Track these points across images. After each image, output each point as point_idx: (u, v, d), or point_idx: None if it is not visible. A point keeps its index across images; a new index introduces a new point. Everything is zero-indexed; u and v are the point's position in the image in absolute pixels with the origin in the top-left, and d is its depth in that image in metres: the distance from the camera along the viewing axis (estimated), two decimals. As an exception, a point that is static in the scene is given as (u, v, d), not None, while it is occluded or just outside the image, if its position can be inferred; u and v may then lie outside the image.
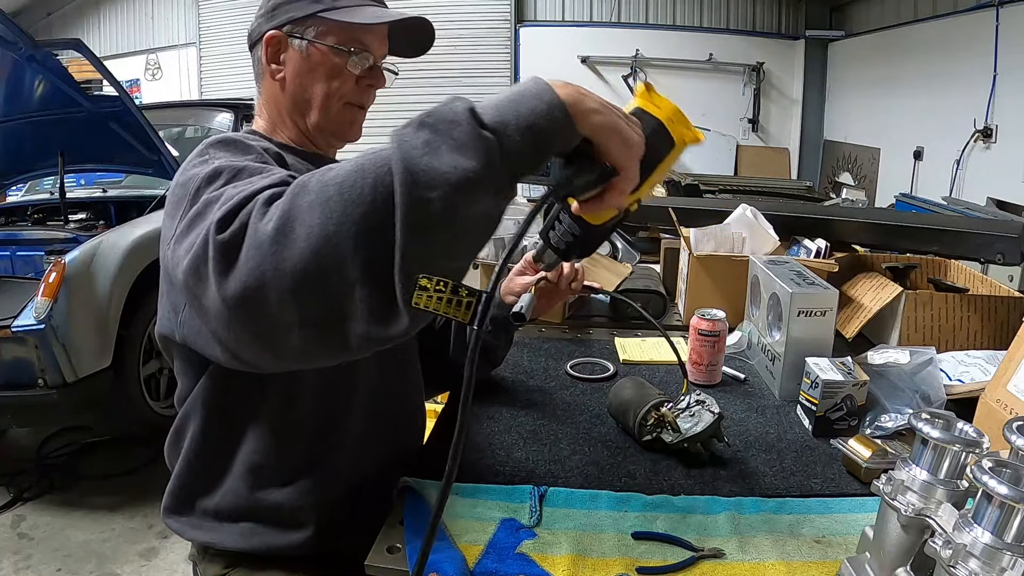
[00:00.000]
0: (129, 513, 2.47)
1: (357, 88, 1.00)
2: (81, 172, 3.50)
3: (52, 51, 2.70)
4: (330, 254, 0.54)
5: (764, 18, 6.93)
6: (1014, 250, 1.52)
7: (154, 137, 2.90)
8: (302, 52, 0.97)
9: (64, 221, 3.13)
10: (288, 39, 0.97)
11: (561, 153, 0.64)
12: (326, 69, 0.97)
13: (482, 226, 0.60)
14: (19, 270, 2.91)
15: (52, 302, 2.30)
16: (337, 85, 0.98)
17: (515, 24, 7.02)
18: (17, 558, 2.24)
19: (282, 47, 0.97)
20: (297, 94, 0.98)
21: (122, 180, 3.60)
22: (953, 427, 0.67)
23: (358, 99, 1.01)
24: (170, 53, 7.60)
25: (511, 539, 0.83)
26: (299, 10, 0.96)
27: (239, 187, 0.65)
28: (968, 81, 4.46)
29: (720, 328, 1.25)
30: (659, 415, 1.01)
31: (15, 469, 2.71)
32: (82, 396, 2.39)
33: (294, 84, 0.98)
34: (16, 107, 2.86)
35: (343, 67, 0.97)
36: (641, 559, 0.80)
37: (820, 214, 1.95)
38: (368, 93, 1.02)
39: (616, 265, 1.81)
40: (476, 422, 1.12)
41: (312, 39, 0.96)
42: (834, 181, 6.08)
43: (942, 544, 0.58)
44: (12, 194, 3.58)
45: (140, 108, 2.95)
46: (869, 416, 1.09)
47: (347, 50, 0.96)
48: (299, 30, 0.96)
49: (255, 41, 1.00)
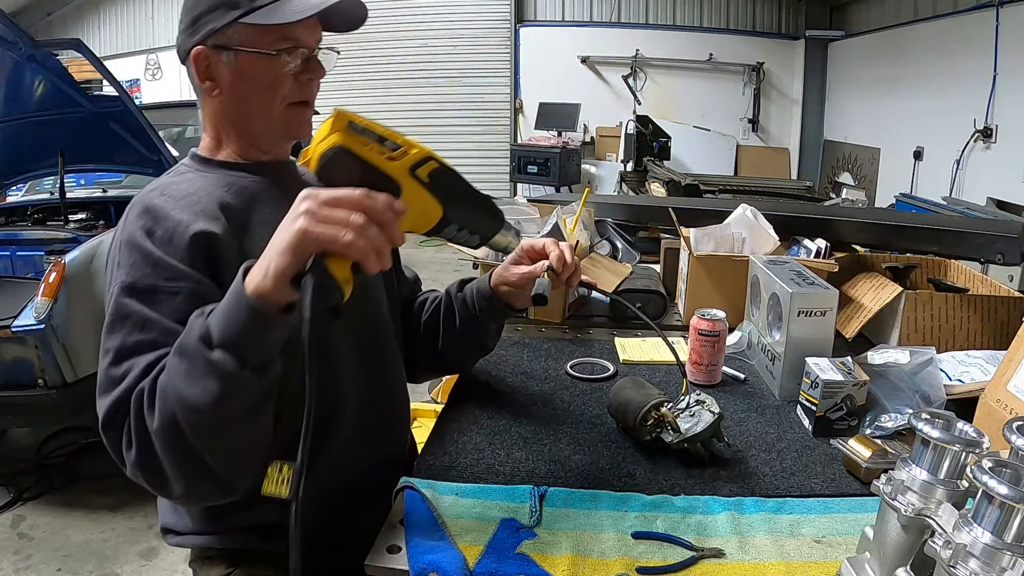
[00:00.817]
0: (129, 513, 2.47)
1: (297, 85, 0.94)
2: (81, 172, 3.50)
3: (52, 51, 2.70)
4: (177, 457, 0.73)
5: (764, 18, 6.93)
6: (1014, 250, 1.52)
7: (154, 137, 2.90)
8: (231, 65, 0.91)
9: (64, 221, 3.12)
10: (213, 53, 0.91)
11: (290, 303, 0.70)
12: (260, 77, 0.91)
13: (259, 405, 0.74)
14: (19, 270, 2.90)
15: (52, 302, 2.30)
16: (275, 90, 0.92)
17: (515, 24, 7.02)
18: (17, 558, 2.24)
19: (210, 62, 0.92)
20: (236, 108, 0.94)
21: (122, 180, 3.59)
22: (953, 427, 0.67)
23: (301, 96, 0.95)
24: (170, 53, 7.54)
25: (511, 539, 0.83)
26: (217, 19, 0.90)
27: (120, 380, 0.76)
28: (968, 81, 4.46)
29: (720, 328, 1.25)
30: (659, 415, 1.01)
31: (15, 469, 2.71)
32: (82, 396, 2.39)
33: (231, 98, 0.94)
34: (16, 107, 2.86)
35: (277, 71, 0.91)
36: (641, 559, 0.80)
37: (820, 214, 1.95)
38: (310, 87, 0.96)
39: (616, 265, 1.81)
40: (476, 422, 1.13)
41: (238, 47, 0.90)
42: (834, 181, 6.09)
43: (942, 544, 0.58)
44: (12, 194, 3.57)
45: (140, 108, 2.94)
46: (869, 416, 1.09)
47: (275, 53, 0.90)
48: (223, 40, 0.90)
49: (183, 58, 0.95)
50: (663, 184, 4.53)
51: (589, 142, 7.03)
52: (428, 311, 1.20)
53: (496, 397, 1.23)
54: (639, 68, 6.95)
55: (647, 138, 5.77)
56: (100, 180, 3.63)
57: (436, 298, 1.21)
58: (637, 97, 6.91)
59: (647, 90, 7.01)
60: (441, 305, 1.18)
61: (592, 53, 6.99)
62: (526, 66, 7.11)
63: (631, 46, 6.91)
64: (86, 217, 3.26)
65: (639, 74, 6.98)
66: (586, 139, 7.00)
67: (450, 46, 7.00)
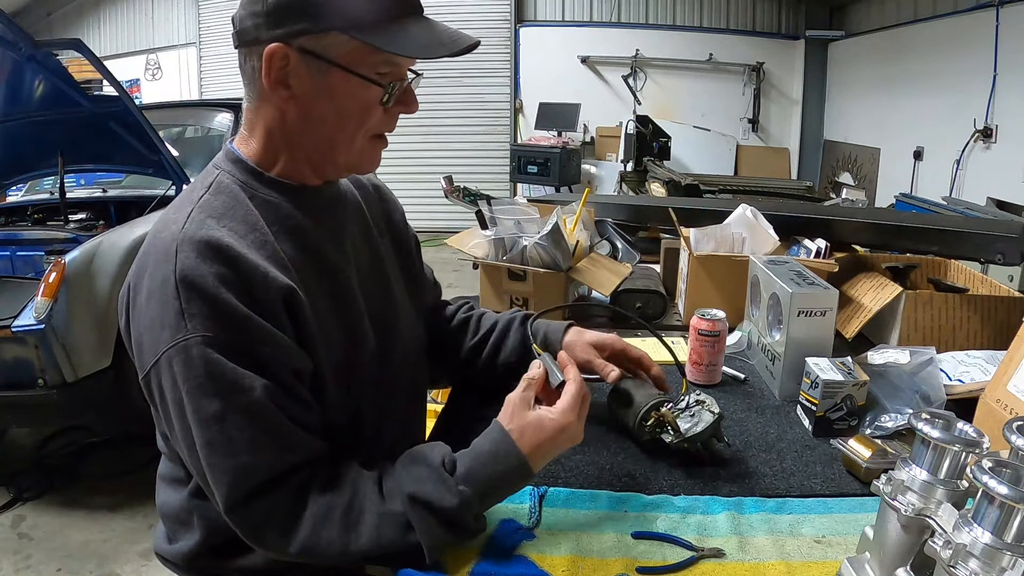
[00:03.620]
0: (129, 513, 2.47)
1: (386, 118, 0.84)
2: (81, 172, 3.50)
3: (52, 51, 2.70)
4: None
5: (764, 18, 6.93)
6: (1014, 250, 1.52)
7: (154, 137, 2.90)
8: (319, 78, 0.77)
9: (64, 221, 3.12)
10: (299, 57, 0.77)
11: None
12: (352, 103, 0.79)
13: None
14: (19, 270, 2.90)
15: (52, 302, 2.30)
16: (365, 120, 0.81)
17: (515, 24, 7.02)
18: (17, 558, 2.24)
19: (290, 66, 0.77)
20: (312, 128, 0.82)
21: (122, 180, 3.60)
22: (953, 427, 0.67)
23: (385, 128, 0.85)
24: (170, 53, 7.61)
25: (510, 539, 0.82)
26: (315, 21, 0.75)
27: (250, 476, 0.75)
28: (968, 81, 4.46)
29: (720, 328, 1.25)
30: (659, 415, 1.01)
31: (15, 469, 2.71)
32: (82, 396, 2.39)
33: (307, 116, 0.81)
34: (16, 107, 2.86)
35: (373, 99, 0.80)
36: (641, 559, 0.80)
37: (820, 214, 1.95)
38: (395, 120, 0.86)
39: (616, 265, 1.81)
40: (476, 422, 1.12)
41: (333, 61, 0.76)
42: (834, 181, 6.08)
43: (942, 544, 0.57)
44: (12, 194, 3.58)
45: (140, 108, 2.94)
46: (869, 416, 1.09)
47: (384, 84, 0.79)
48: (316, 47, 0.76)
49: (248, 45, 0.79)
50: (663, 184, 4.53)
51: (589, 142, 7.02)
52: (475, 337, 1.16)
53: (496, 398, 1.22)
54: (639, 68, 6.95)
55: (647, 138, 5.77)
56: (100, 180, 3.63)
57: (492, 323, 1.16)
58: (637, 97, 6.91)
59: (647, 90, 7.01)
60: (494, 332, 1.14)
61: (592, 53, 6.99)
62: (526, 66, 7.11)
63: (631, 46, 6.91)
64: (86, 217, 3.26)
65: (639, 74, 6.98)
66: (586, 139, 7.00)
67: (450, 46, 6.99)
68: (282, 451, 0.76)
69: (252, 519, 0.76)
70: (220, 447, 0.74)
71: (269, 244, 0.80)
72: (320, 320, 0.84)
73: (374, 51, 0.76)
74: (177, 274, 0.73)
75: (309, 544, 0.75)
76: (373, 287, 0.97)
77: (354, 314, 0.91)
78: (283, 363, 0.77)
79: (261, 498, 0.75)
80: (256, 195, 0.84)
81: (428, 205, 6.82)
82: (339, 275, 0.90)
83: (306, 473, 0.78)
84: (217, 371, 0.73)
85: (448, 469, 0.77)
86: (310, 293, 0.83)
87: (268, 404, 0.74)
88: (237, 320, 0.74)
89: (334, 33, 0.76)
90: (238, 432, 0.74)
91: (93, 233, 2.81)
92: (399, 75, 0.82)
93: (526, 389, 0.84)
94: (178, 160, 2.97)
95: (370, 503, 0.76)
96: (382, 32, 0.76)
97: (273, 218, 0.83)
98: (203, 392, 0.73)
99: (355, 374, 0.90)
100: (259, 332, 0.75)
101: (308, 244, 0.86)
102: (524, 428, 0.80)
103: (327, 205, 0.92)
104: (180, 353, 0.72)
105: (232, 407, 0.73)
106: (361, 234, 0.98)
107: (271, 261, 0.78)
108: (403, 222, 1.12)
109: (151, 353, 0.75)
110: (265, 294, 0.76)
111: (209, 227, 0.77)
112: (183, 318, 0.72)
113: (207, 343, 0.72)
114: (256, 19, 0.77)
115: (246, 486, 0.74)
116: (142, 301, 0.77)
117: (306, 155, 0.85)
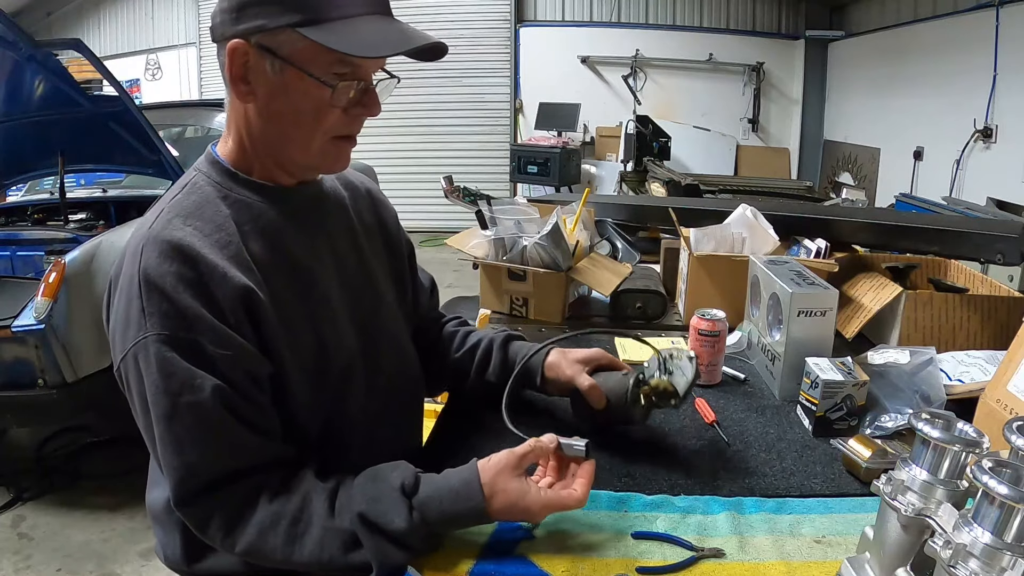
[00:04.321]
0: (129, 513, 2.47)
1: (346, 119, 0.82)
2: (81, 172, 3.50)
3: (52, 51, 2.70)
4: None
5: (764, 18, 6.93)
6: (1014, 250, 1.52)
7: (154, 137, 2.90)
8: (275, 75, 0.77)
9: (64, 221, 3.13)
10: (256, 53, 0.77)
11: None
12: (305, 102, 0.79)
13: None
14: (19, 270, 2.90)
15: (52, 302, 2.30)
16: (320, 122, 0.80)
17: (515, 24, 7.02)
18: (17, 558, 2.24)
19: (250, 62, 0.77)
20: (270, 125, 0.82)
21: (122, 180, 3.60)
22: (953, 427, 0.67)
23: (347, 131, 0.84)
24: (170, 53, 7.61)
25: (510, 540, 0.82)
26: (271, 17, 0.75)
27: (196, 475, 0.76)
28: (968, 81, 4.46)
29: (720, 328, 1.25)
30: (651, 389, 0.99)
31: (15, 469, 2.71)
32: (82, 396, 2.39)
33: (266, 113, 0.81)
34: (16, 107, 2.86)
35: (327, 100, 0.79)
36: (641, 559, 0.80)
37: (820, 214, 1.95)
38: (359, 121, 0.84)
39: (616, 265, 1.81)
40: (476, 422, 1.12)
41: (287, 59, 0.76)
42: (834, 181, 6.08)
43: (942, 544, 0.57)
44: (12, 194, 3.58)
45: (140, 108, 2.94)
46: (869, 416, 1.09)
47: (332, 85, 0.78)
48: (271, 43, 0.76)
49: (218, 41, 0.80)
50: (663, 184, 4.53)
51: (589, 142, 7.02)
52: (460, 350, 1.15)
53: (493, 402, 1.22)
54: (639, 68, 6.95)
55: (647, 138, 5.77)
56: (100, 180, 3.63)
57: (475, 341, 1.15)
58: (637, 97, 6.91)
59: (647, 90, 7.01)
60: (478, 350, 1.13)
61: (592, 53, 6.99)
62: (526, 66, 7.11)
63: (631, 46, 6.90)
64: (86, 217, 3.26)
65: (639, 74, 6.98)
66: (586, 139, 7.00)
67: (450, 46, 6.98)
68: (229, 453, 0.77)
69: (197, 516, 0.78)
70: (170, 444, 0.76)
71: (234, 244, 0.81)
72: (285, 321, 0.83)
73: (326, 50, 0.75)
74: (140, 273, 0.76)
75: (254, 548, 0.77)
76: (357, 288, 0.96)
77: (327, 314, 0.90)
78: (236, 364, 0.77)
79: (208, 497, 0.77)
80: (230, 195, 0.84)
81: (428, 205, 6.82)
82: (312, 275, 0.89)
83: (258, 478, 0.78)
84: (170, 369, 0.74)
85: (407, 492, 0.77)
86: (276, 293, 0.83)
87: (216, 405, 0.75)
88: (191, 319, 0.75)
89: (288, 30, 0.75)
90: (185, 431, 0.75)
91: (93, 233, 2.81)
92: (361, 76, 0.81)
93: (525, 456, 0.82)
94: (178, 160, 2.97)
95: (318, 517, 0.77)
96: (331, 30, 0.75)
97: (246, 218, 0.84)
98: (157, 389, 0.74)
99: (331, 375, 0.89)
100: (212, 332, 0.76)
101: (279, 244, 0.86)
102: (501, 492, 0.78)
103: (304, 206, 0.91)
104: (142, 350, 0.75)
105: (182, 405, 0.74)
106: (345, 235, 0.97)
107: (232, 261, 0.79)
108: (396, 226, 1.11)
109: (120, 349, 0.77)
110: (223, 293, 0.77)
111: (174, 227, 0.78)
112: (144, 316, 0.75)
113: (163, 340, 0.74)
114: (224, 15, 0.78)
115: (192, 484, 0.76)
116: (115, 298, 0.80)
117: (271, 155, 0.85)
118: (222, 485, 0.77)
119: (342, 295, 0.93)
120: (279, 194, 0.87)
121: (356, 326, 0.94)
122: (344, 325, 0.92)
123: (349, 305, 0.94)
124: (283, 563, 0.77)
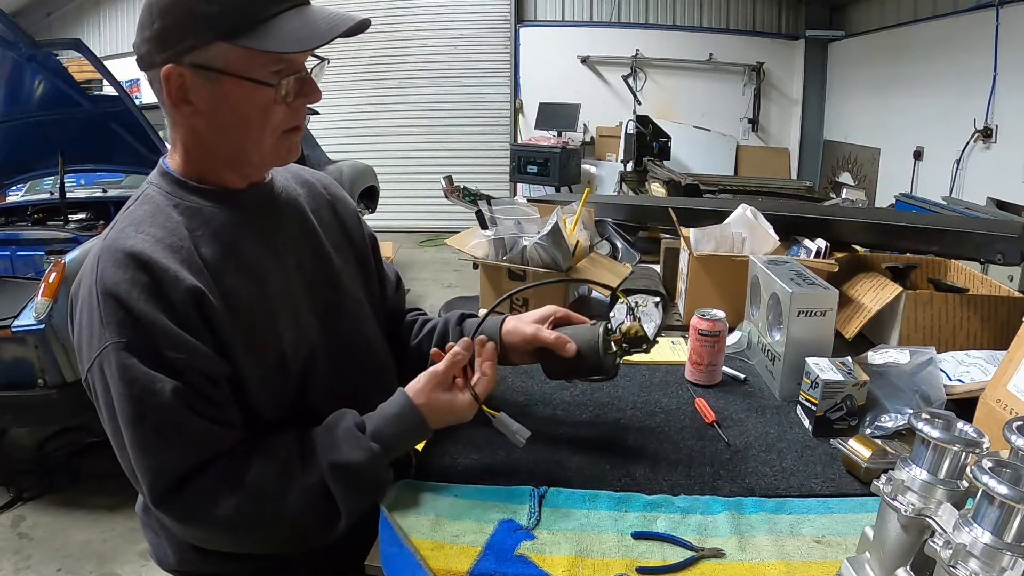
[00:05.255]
0: (129, 513, 2.47)
1: (290, 111, 0.84)
2: (81, 172, 3.50)
3: (52, 51, 2.70)
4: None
5: (764, 18, 6.93)
6: (1014, 250, 1.52)
7: (154, 137, 2.90)
8: (213, 89, 0.80)
9: (64, 221, 3.13)
10: (192, 73, 0.79)
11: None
12: (250, 106, 0.81)
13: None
14: (19, 270, 2.90)
15: (52, 302, 2.29)
16: (268, 121, 0.83)
17: (515, 24, 7.01)
18: (17, 558, 2.24)
19: (186, 83, 0.80)
20: (220, 136, 0.84)
21: (122, 180, 3.60)
22: (953, 427, 0.67)
23: (294, 122, 0.86)
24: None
25: (510, 540, 0.83)
26: (198, 36, 0.77)
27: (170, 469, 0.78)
28: (968, 81, 4.46)
29: (720, 328, 1.25)
30: (622, 335, 0.98)
31: (15, 469, 2.71)
32: (82, 396, 2.37)
33: (213, 125, 0.83)
34: (16, 107, 2.86)
35: (270, 100, 0.81)
36: (641, 559, 0.80)
37: (820, 214, 1.95)
38: (303, 111, 0.86)
39: (616, 265, 1.81)
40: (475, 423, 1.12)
41: (223, 71, 0.78)
42: (834, 181, 6.08)
43: (942, 544, 0.57)
44: (12, 194, 3.58)
45: (140, 108, 2.94)
46: (869, 416, 1.09)
47: (273, 84, 0.80)
48: (204, 60, 0.78)
49: (147, 69, 0.82)
50: (663, 184, 4.53)
51: (589, 142, 7.02)
52: (418, 336, 1.16)
53: (495, 398, 1.23)
54: (639, 68, 6.95)
55: (647, 138, 5.77)
56: (100, 180, 3.63)
57: (432, 325, 1.16)
58: (637, 97, 6.91)
59: (647, 90, 7.00)
60: (435, 333, 1.14)
61: (592, 53, 6.99)
62: (526, 66, 7.11)
63: (631, 46, 6.90)
64: (86, 217, 3.27)
65: (639, 74, 6.97)
66: (586, 139, 7.00)
67: (450, 46, 6.99)
68: (195, 447, 0.79)
69: (175, 512, 0.80)
70: (139, 447, 0.78)
71: (185, 248, 0.83)
72: (241, 322, 0.85)
73: (261, 53, 0.78)
74: (98, 283, 0.79)
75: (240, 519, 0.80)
76: (318, 284, 0.97)
77: (285, 312, 0.91)
78: (191, 366, 0.79)
79: (181, 490, 0.79)
80: (181, 203, 0.86)
81: (428, 205, 6.82)
82: (267, 274, 0.90)
83: (224, 461, 0.81)
84: (131, 375, 0.77)
85: (361, 430, 0.86)
86: (230, 295, 0.84)
87: (177, 406, 0.77)
88: (146, 325, 0.77)
89: (218, 43, 0.78)
90: (152, 433, 0.77)
91: (93, 233, 2.82)
92: (296, 68, 0.83)
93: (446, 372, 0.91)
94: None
95: (294, 480, 0.82)
96: (260, 33, 0.78)
97: (197, 223, 0.86)
98: (121, 396, 0.77)
99: (292, 371, 0.90)
100: (166, 336, 0.78)
101: (232, 246, 0.87)
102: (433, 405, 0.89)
103: (255, 206, 0.92)
104: (104, 359, 0.78)
105: (145, 409, 0.77)
106: (301, 232, 0.98)
107: (184, 264, 0.81)
108: (356, 220, 1.12)
109: (86, 360, 0.80)
110: (176, 295, 0.79)
111: (127, 235, 0.81)
112: (103, 325, 0.77)
113: (122, 348, 0.77)
114: (148, 44, 0.81)
115: (163, 482, 0.78)
116: (77, 311, 0.83)
117: (222, 161, 0.88)
118: (192, 477, 0.79)
119: (301, 291, 0.94)
120: (229, 197, 0.89)
121: (318, 321, 0.96)
122: (305, 321, 0.94)
123: (309, 301, 0.95)
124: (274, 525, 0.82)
